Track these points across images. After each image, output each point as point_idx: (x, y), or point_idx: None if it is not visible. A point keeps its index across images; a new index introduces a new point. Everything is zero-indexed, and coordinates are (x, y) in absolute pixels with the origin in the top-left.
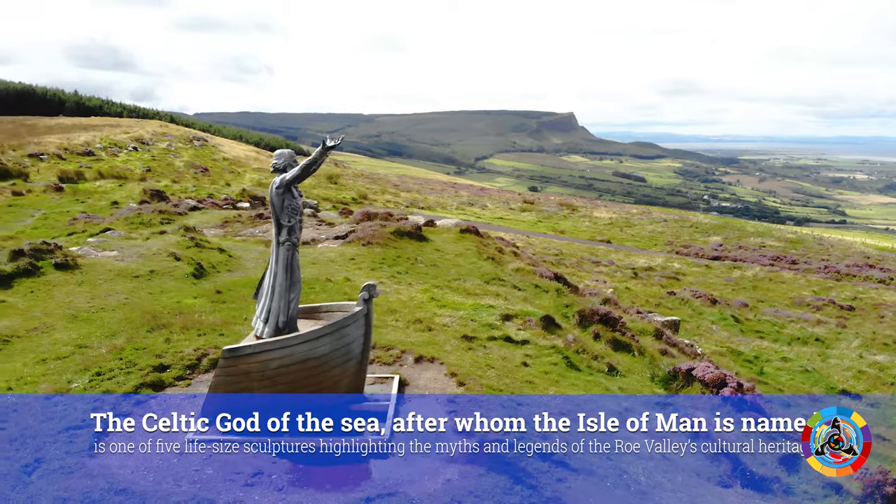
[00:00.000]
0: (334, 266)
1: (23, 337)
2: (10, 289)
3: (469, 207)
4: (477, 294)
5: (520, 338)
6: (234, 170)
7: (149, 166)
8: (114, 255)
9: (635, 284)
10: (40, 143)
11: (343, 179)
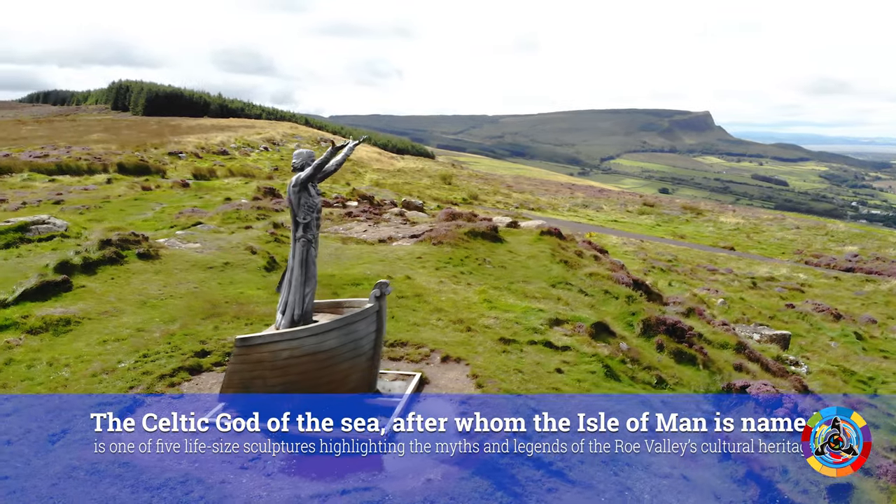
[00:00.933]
0: (400, 264)
1: (93, 319)
2: (93, 275)
3: (582, 209)
4: (535, 297)
5: (561, 343)
6: (356, 170)
7: (276, 165)
8: (196, 247)
9: (752, 295)
10: (180, 143)
11: (457, 180)
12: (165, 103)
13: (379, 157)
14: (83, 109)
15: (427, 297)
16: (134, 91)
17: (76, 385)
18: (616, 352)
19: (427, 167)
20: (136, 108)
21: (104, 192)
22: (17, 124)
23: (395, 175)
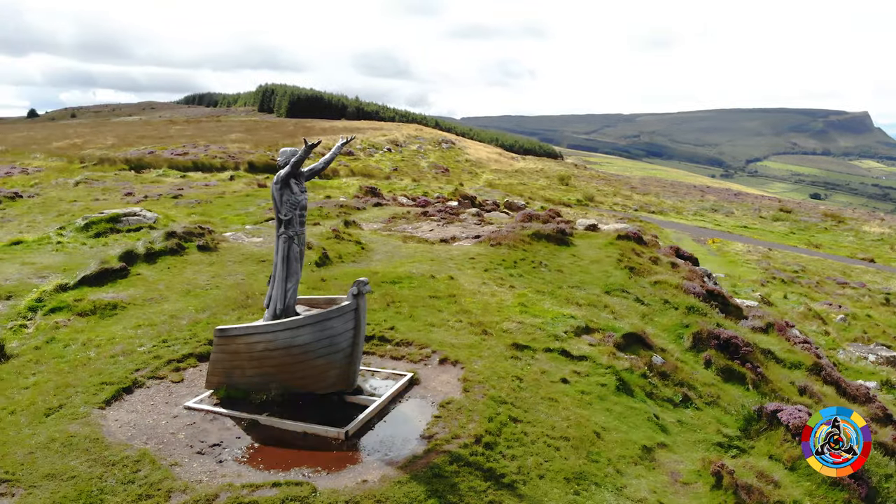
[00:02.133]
0: (449, 264)
1: (137, 305)
2: (153, 264)
3: (710, 214)
4: (578, 304)
5: (579, 353)
6: (473, 170)
7: (396, 166)
8: (257, 242)
9: (882, 312)
10: None
11: (576, 181)
12: (306, 106)
13: (498, 158)
14: (232, 111)
15: (460, 299)
16: (278, 94)
17: (94, 364)
18: (641, 365)
19: (547, 168)
20: (280, 110)
21: (223, 188)
22: (168, 124)
23: (511, 175)
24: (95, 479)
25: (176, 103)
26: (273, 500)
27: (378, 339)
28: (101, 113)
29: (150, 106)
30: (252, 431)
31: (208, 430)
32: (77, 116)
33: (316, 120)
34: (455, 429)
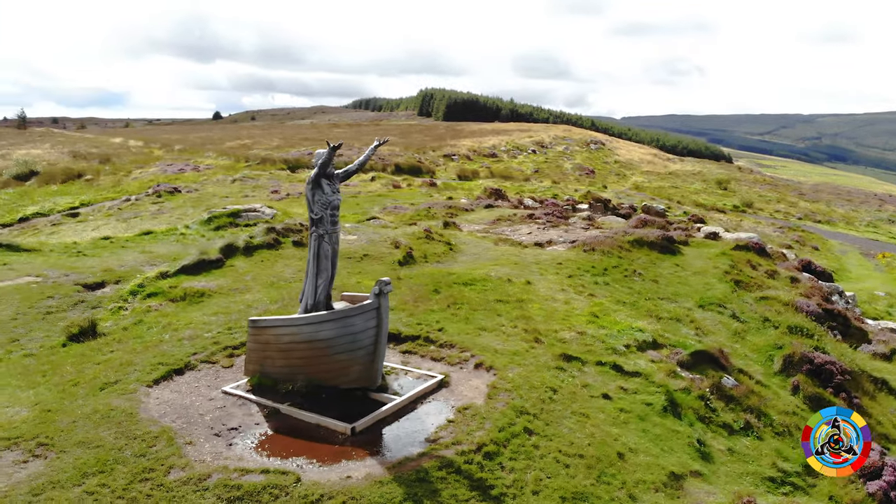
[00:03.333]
0: (532, 268)
1: (223, 294)
2: (249, 257)
3: (885, 225)
4: (660, 317)
5: (633, 368)
6: (622, 172)
7: (538, 168)
8: (352, 239)
9: None
10: (455, 146)
11: (735, 185)
12: (462, 109)
13: (652, 160)
14: (394, 115)
15: (527, 304)
16: (437, 98)
17: (162, 346)
18: (704, 386)
19: (706, 170)
20: (437, 113)
21: (361, 188)
22: (331, 127)
23: (663, 178)
24: (115, 450)
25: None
26: (256, 485)
27: (423, 339)
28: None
29: (320, 110)
30: (271, 419)
31: (233, 415)
32: (256, 119)
33: (467, 123)
34: (461, 435)
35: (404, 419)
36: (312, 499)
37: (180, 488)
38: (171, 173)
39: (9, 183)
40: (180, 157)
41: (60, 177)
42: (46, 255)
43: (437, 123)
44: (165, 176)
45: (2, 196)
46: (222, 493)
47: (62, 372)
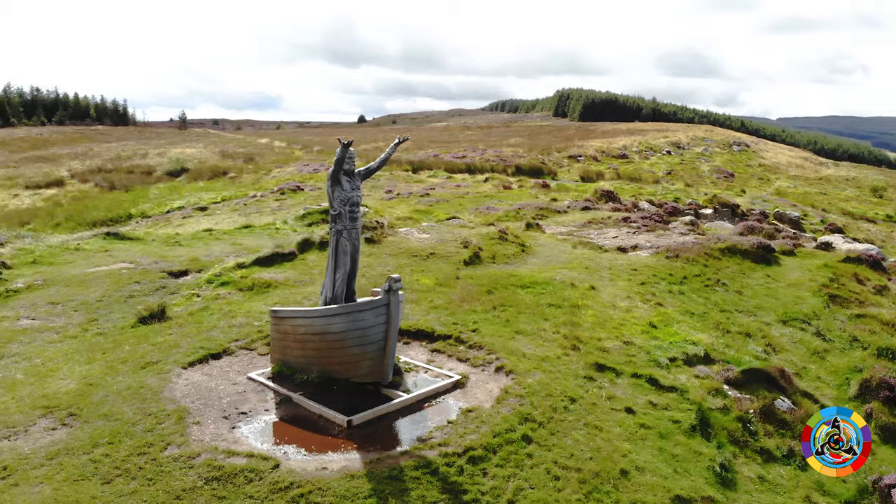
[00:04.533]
0: (602, 273)
1: (288, 285)
2: (323, 251)
3: None
4: (728, 331)
5: (671, 383)
6: (765, 176)
7: (671, 169)
8: (424, 237)
9: None
10: (583, 147)
11: (894, 193)
12: (600, 109)
13: (802, 164)
14: (528, 116)
15: (581, 310)
16: (573, 98)
17: (212, 332)
18: (749, 407)
19: (861, 176)
20: (573, 114)
21: (472, 189)
22: (462, 130)
23: (812, 184)
24: (129, 424)
25: (480, 110)
26: (235, 467)
27: (455, 339)
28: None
29: (457, 113)
30: (281, 406)
31: (248, 400)
32: (397, 122)
33: (601, 123)
34: (453, 437)
35: (407, 417)
36: (281, 486)
37: (169, 464)
38: (306, 173)
39: (162, 178)
40: (317, 158)
41: (207, 174)
42: (147, 244)
43: (568, 124)
44: (300, 175)
45: (153, 190)
46: (203, 471)
47: (119, 350)
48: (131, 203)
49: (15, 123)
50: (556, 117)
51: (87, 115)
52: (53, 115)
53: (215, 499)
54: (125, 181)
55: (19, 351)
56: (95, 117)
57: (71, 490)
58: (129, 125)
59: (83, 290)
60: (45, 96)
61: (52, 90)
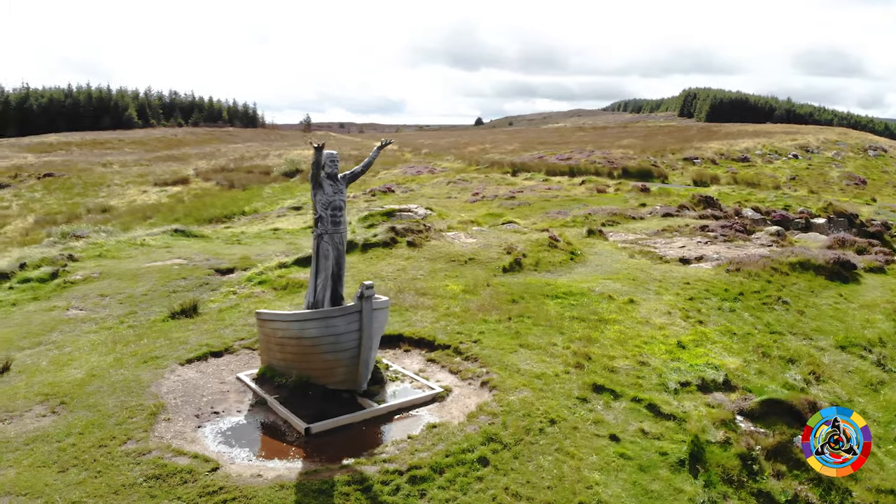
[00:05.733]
0: (650, 286)
1: None
2: (364, 253)
3: None
4: (768, 355)
5: (671, 410)
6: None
7: (795, 174)
8: (468, 242)
9: None
10: (700, 149)
11: None
12: (728, 109)
13: None
14: (651, 117)
15: (607, 325)
16: (700, 98)
17: (223, 330)
18: (756, 443)
19: None
20: (700, 114)
21: (563, 192)
22: (576, 131)
23: None
24: (106, 416)
25: (601, 110)
26: (176, 467)
27: (454, 349)
28: (534, 121)
29: (576, 113)
30: (255, 408)
31: (227, 400)
32: (513, 124)
33: (726, 124)
34: (404, 453)
35: (370, 429)
36: (210, 490)
37: (121, 458)
38: (410, 175)
39: (277, 179)
40: (423, 161)
41: None
42: (210, 241)
43: (689, 125)
44: (403, 177)
45: (267, 190)
46: (146, 468)
47: (137, 344)
48: (245, 201)
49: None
50: (681, 118)
51: (220, 117)
52: (189, 117)
53: (148, 496)
54: (244, 180)
55: (56, 339)
56: (227, 119)
57: (30, 475)
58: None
59: (133, 283)
60: (183, 99)
61: (189, 93)
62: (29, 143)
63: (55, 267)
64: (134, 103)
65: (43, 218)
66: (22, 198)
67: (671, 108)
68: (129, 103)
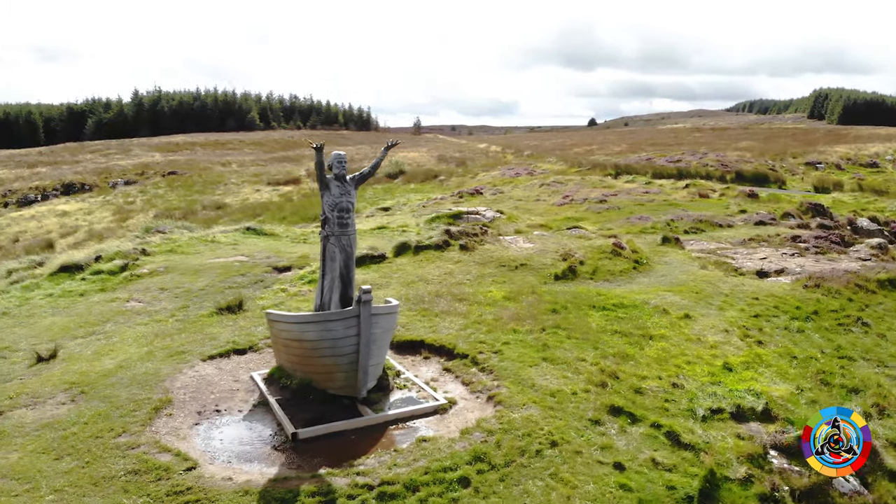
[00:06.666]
0: (714, 300)
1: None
2: (416, 256)
3: None
4: (828, 383)
5: (692, 440)
6: None
7: None
8: (525, 247)
9: None
10: (824, 153)
11: None
12: (862, 111)
13: None
14: (778, 119)
15: (650, 341)
16: (832, 99)
17: (260, 327)
18: (783, 482)
19: None
20: (832, 116)
21: (660, 196)
22: (691, 132)
23: None
24: (114, 408)
25: (724, 111)
26: (155, 463)
27: (472, 359)
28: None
29: (697, 114)
30: (256, 409)
31: (234, 398)
32: (629, 125)
33: (857, 127)
34: (382, 467)
35: (359, 437)
36: (178, 489)
37: (110, 451)
38: (508, 176)
39: (381, 180)
40: (524, 162)
41: (421, 177)
42: (279, 239)
43: (816, 127)
44: (501, 179)
45: (369, 191)
46: (129, 463)
47: (175, 338)
48: None
49: (274, 127)
50: (810, 119)
51: (336, 120)
52: (308, 120)
53: (121, 491)
54: None
55: (108, 330)
56: (343, 123)
57: (28, 460)
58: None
59: (193, 278)
60: (302, 103)
61: (308, 97)
62: (158, 142)
63: (126, 260)
64: (256, 106)
65: (162, 213)
66: (146, 194)
67: (800, 110)
68: (252, 106)
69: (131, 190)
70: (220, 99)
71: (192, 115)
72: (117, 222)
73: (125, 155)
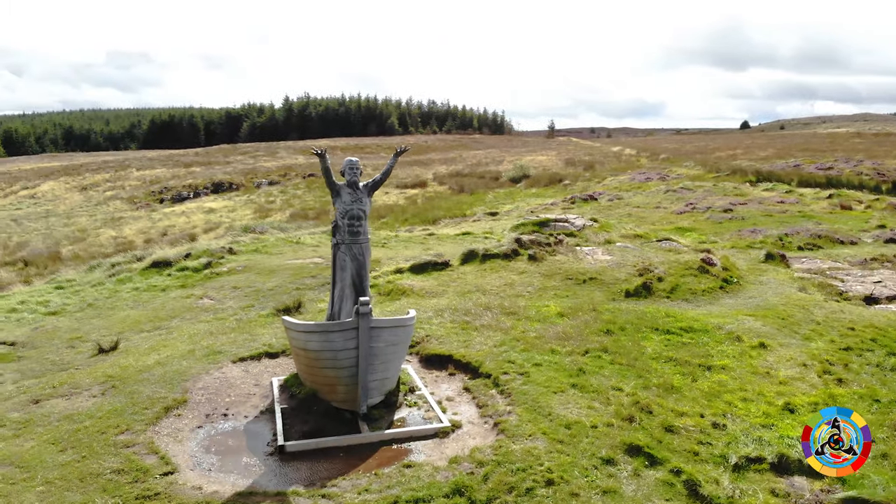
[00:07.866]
0: (800, 329)
1: (419, 295)
2: (482, 264)
3: None
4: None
5: (715, 493)
6: None
7: None
8: (600, 259)
9: None
10: None
11: None
12: None
13: None
14: None
15: (708, 372)
16: None
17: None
18: None
19: None
20: None
21: (796, 207)
22: (850, 137)
23: None
24: (132, 403)
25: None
26: (138, 465)
27: (493, 380)
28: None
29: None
30: (261, 416)
31: (246, 403)
32: (785, 128)
33: None
34: (350, 492)
35: (347, 455)
36: (147, 493)
37: (107, 448)
38: (637, 181)
39: (504, 184)
40: (658, 167)
41: (545, 181)
42: None
43: None
44: (629, 184)
45: (490, 195)
46: (117, 462)
47: (223, 336)
48: (468, 205)
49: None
50: None
51: (470, 124)
52: (443, 125)
53: (100, 490)
54: (472, 185)
55: (173, 325)
56: (477, 127)
57: (37, 449)
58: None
59: (267, 278)
60: (438, 108)
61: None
62: (302, 146)
63: (211, 258)
64: (396, 112)
65: (298, 212)
66: (286, 194)
67: None
68: (392, 112)
69: (273, 190)
70: (362, 105)
71: (338, 120)
72: (256, 220)
73: (271, 157)
